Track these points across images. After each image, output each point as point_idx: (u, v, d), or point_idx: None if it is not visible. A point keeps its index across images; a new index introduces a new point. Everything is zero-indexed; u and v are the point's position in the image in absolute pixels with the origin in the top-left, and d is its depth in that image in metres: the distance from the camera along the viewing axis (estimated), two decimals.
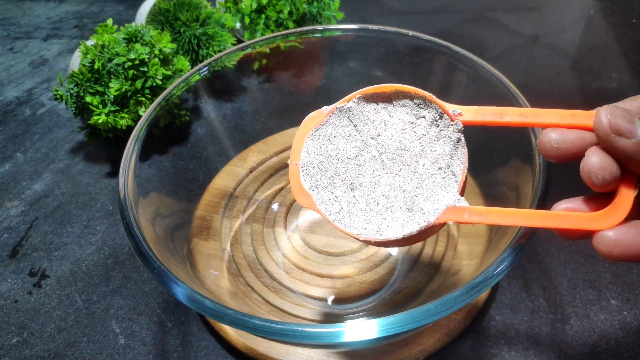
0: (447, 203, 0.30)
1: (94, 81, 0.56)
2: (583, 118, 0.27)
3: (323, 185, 0.33)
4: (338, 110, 0.34)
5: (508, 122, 0.29)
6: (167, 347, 0.45)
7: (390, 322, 0.30)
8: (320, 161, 0.34)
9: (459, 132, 0.31)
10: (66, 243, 0.54)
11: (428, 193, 0.31)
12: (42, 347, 0.45)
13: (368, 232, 0.32)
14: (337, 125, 0.34)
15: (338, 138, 0.34)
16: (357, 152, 0.33)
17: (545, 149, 0.29)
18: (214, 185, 0.56)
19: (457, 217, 0.30)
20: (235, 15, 0.70)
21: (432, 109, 0.32)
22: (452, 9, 0.93)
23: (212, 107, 0.57)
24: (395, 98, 0.33)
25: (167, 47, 0.59)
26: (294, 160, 0.34)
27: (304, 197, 0.33)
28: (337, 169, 0.34)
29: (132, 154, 0.42)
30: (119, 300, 0.48)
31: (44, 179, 0.62)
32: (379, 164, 0.33)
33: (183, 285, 0.33)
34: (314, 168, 0.34)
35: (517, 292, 0.46)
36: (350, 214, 0.33)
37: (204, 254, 0.48)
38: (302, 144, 0.34)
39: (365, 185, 0.33)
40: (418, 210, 0.31)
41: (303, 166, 0.34)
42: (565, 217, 0.28)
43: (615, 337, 0.43)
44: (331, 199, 0.33)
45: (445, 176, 0.32)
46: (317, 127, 0.34)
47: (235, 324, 0.31)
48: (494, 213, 0.29)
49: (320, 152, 0.34)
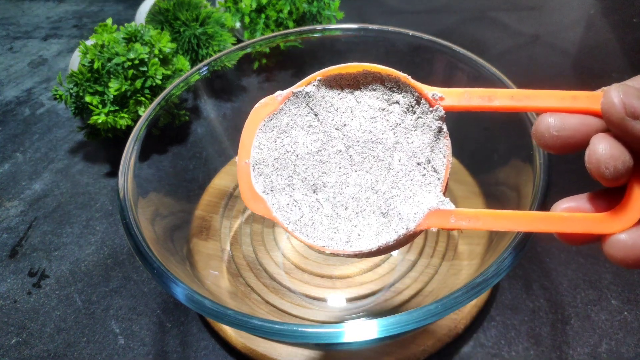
0: (429, 206, 0.26)
1: (94, 81, 0.56)
2: (587, 100, 0.24)
3: (279, 188, 0.28)
4: (295, 96, 0.28)
5: (498, 106, 0.25)
6: (167, 348, 0.44)
7: (391, 323, 0.30)
8: (275, 158, 0.29)
9: (440, 119, 0.27)
10: (65, 243, 0.54)
11: (406, 194, 0.27)
12: (42, 347, 0.45)
13: (335, 244, 0.27)
14: (294, 114, 0.29)
15: (296, 129, 0.29)
16: (320, 146, 0.28)
17: (542, 137, 0.24)
18: (214, 185, 0.56)
19: (442, 223, 0.26)
20: (235, 14, 0.70)
21: (407, 92, 0.28)
22: (453, 9, 0.93)
23: (212, 107, 0.57)
24: (363, 80, 0.28)
25: (167, 46, 0.59)
26: (243, 157, 0.29)
27: (257, 203, 0.28)
28: (296, 166, 0.28)
29: (131, 154, 0.42)
30: (118, 300, 0.48)
31: (43, 179, 0.62)
32: (346, 159, 0.28)
33: (183, 286, 0.33)
34: (267, 167, 0.29)
35: (517, 292, 0.46)
36: (313, 221, 0.28)
37: (203, 254, 0.48)
38: (253, 138, 0.29)
39: (331, 186, 0.28)
40: (395, 215, 0.27)
41: (254, 164, 0.29)
42: (569, 219, 0.24)
43: (616, 337, 0.43)
44: (290, 204, 0.28)
45: (425, 173, 0.27)
46: (270, 116, 0.29)
47: (235, 324, 0.31)
48: (485, 216, 0.25)
49: (274, 147, 0.29)
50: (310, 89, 0.28)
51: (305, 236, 0.28)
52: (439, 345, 0.42)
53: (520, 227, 0.25)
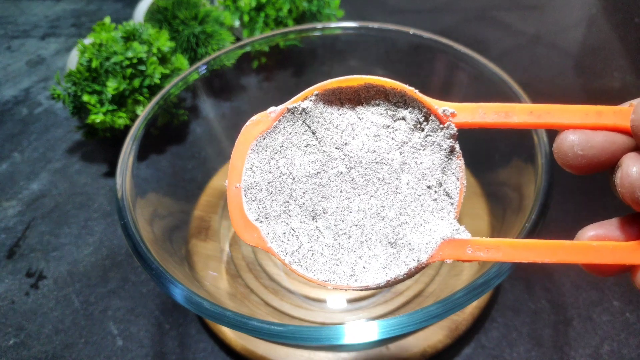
0: (443, 235, 0.24)
1: (92, 80, 0.56)
2: (614, 116, 0.22)
3: (274, 215, 0.25)
4: (290, 112, 0.26)
5: (516, 123, 0.23)
6: (165, 349, 0.44)
7: (391, 324, 0.30)
8: (270, 181, 0.26)
9: (451, 137, 0.24)
10: (63, 244, 0.54)
11: (416, 221, 0.25)
12: (40, 348, 0.45)
13: (338, 277, 0.25)
14: (290, 132, 0.26)
15: (292, 149, 0.26)
16: (318, 168, 0.25)
17: (565, 156, 0.22)
18: (213, 185, 0.56)
19: (458, 254, 0.23)
20: (234, 13, 0.70)
21: (415, 108, 0.25)
22: (454, 8, 0.92)
23: (211, 106, 0.57)
24: (365, 95, 0.26)
25: (166, 45, 0.58)
26: (234, 181, 0.26)
27: (249, 232, 0.25)
28: (293, 191, 0.26)
29: (129, 154, 0.42)
30: (116, 301, 0.48)
31: (41, 178, 0.62)
32: (348, 182, 0.25)
33: (181, 287, 0.33)
34: (261, 191, 0.26)
35: (519, 293, 0.46)
36: (313, 252, 0.25)
37: (202, 255, 0.48)
38: (244, 159, 0.26)
39: (332, 212, 0.25)
40: (404, 246, 0.24)
41: (246, 189, 0.26)
42: (597, 249, 0.22)
43: (618, 338, 0.43)
44: (286, 233, 0.25)
45: (437, 197, 0.25)
46: (263, 135, 0.26)
47: (234, 326, 0.30)
48: (506, 247, 0.23)
49: (268, 169, 0.26)
50: (306, 105, 0.25)
51: (304, 269, 0.25)
52: (440, 347, 0.42)
53: (545, 258, 0.23)
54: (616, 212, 0.52)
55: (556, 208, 0.52)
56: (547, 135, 0.39)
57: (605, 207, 0.52)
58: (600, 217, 0.52)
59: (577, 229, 0.23)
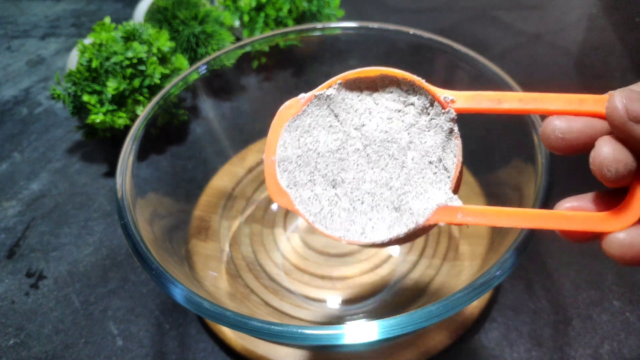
0: (438, 202, 0.28)
1: (92, 80, 0.56)
2: (593, 104, 0.25)
3: (302, 183, 0.31)
4: (317, 99, 0.31)
5: (506, 109, 0.27)
6: (165, 349, 0.44)
7: (391, 324, 0.30)
8: (299, 155, 0.31)
9: (451, 121, 0.28)
10: (63, 244, 0.54)
11: (417, 190, 0.29)
12: (40, 348, 0.45)
13: (351, 235, 0.29)
14: (317, 115, 0.31)
15: (318, 129, 0.31)
16: (339, 145, 0.31)
17: (548, 139, 0.25)
18: (213, 185, 0.56)
19: (450, 218, 0.27)
20: (234, 13, 0.70)
21: (422, 95, 0.29)
22: (454, 7, 0.92)
23: (211, 106, 0.57)
24: (381, 83, 0.30)
25: (166, 45, 0.58)
26: (270, 155, 0.31)
27: (281, 196, 0.31)
28: (317, 163, 0.31)
29: (129, 154, 0.42)
30: (116, 301, 0.48)
31: (41, 178, 0.62)
32: (364, 157, 0.30)
33: (181, 287, 0.33)
34: (291, 163, 0.31)
35: (519, 293, 0.46)
36: (332, 214, 0.30)
37: (202, 255, 0.48)
38: (278, 137, 0.31)
39: (349, 182, 0.30)
40: (406, 210, 0.29)
41: (279, 161, 0.31)
42: (571, 217, 0.25)
43: (618, 338, 0.43)
44: (311, 198, 0.30)
45: (436, 171, 0.29)
46: (294, 117, 0.31)
47: (234, 326, 0.30)
48: (490, 213, 0.27)
49: (298, 145, 0.31)
50: (331, 92, 0.30)
51: (324, 227, 0.30)
52: (440, 347, 0.42)
53: (523, 224, 0.26)
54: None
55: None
56: None
57: None
58: None
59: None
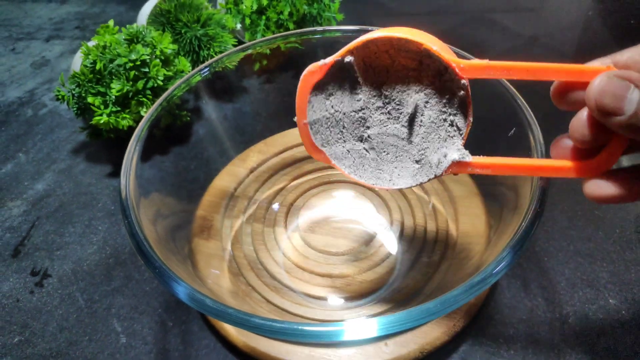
0: (453, 157, 0.31)
1: (96, 82, 0.56)
2: (592, 75, 0.27)
3: (333, 141, 0.34)
4: (337, 63, 0.32)
5: (515, 77, 0.29)
6: (168, 346, 0.45)
7: (390, 321, 0.30)
8: (327, 117, 0.33)
9: (462, 87, 0.30)
10: (68, 243, 0.54)
11: (434, 146, 0.32)
12: (44, 346, 0.45)
13: (382, 182, 0.34)
14: (338, 78, 0.33)
15: (341, 91, 0.33)
16: (362, 104, 0.33)
17: (555, 98, 0.30)
18: (215, 185, 0.56)
19: (462, 170, 0.32)
20: (235, 16, 0.70)
21: (436, 60, 0.30)
22: (451, 10, 0.93)
23: (213, 108, 0.58)
24: (397, 43, 0.31)
25: (168, 48, 0.59)
26: (301, 118, 0.33)
27: (318, 154, 0.34)
28: (345, 122, 0.34)
29: (133, 155, 0.43)
30: (120, 299, 0.49)
31: (45, 179, 0.63)
32: (385, 114, 0.34)
33: (184, 285, 0.33)
34: (322, 125, 0.34)
35: (515, 291, 0.47)
36: (363, 164, 0.34)
37: (205, 254, 0.49)
38: (306, 101, 0.33)
39: (374, 136, 0.34)
40: (426, 164, 0.33)
41: (311, 124, 0.33)
42: (559, 167, 0.30)
43: (613, 336, 0.43)
44: (343, 153, 0.34)
45: (449, 130, 0.32)
46: (318, 82, 0.32)
47: (236, 323, 0.31)
48: (495, 165, 0.31)
49: (325, 108, 0.33)
50: (349, 57, 0.31)
51: (358, 177, 0.34)
52: (437, 344, 0.42)
53: (521, 173, 0.31)
54: (610, 211, 0.53)
55: (551, 207, 0.53)
56: (543, 135, 0.40)
57: (598, 207, 0.53)
58: (593, 216, 0.53)
59: (571, 227, 0.26)
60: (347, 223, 0.53)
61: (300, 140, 0.34)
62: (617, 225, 0.51)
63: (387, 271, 0.48)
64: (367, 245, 0.50)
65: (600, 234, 0.51)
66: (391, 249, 0.50)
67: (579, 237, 0.50)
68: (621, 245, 0.50)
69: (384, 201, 0.54)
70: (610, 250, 0.49)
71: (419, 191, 0.54)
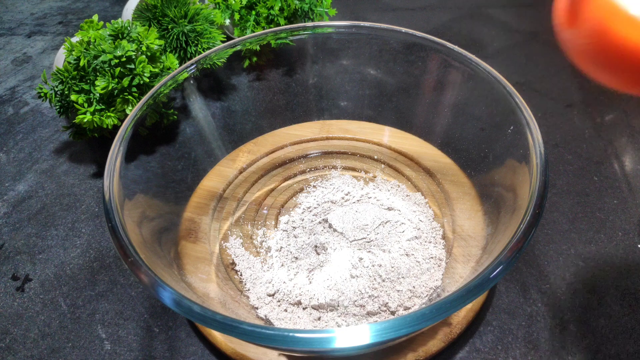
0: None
1: (79, 79, 0.55)
2: None
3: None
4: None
5: None
6: (155, 353, 0.44)
7: (383, 327, 0.29)
8: None
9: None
10: (50, 246, 0.53)
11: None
12: (26, 353, 0.44)
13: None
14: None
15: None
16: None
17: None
18: (203, 186, 0.55)
19: None
20: (224, 11, 0.69)
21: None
22: (448, 5, 0.92)
23: (201, 106, 0.57)
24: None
25: (155, 44, 0.58)
26: None
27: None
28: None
29: (117, 155, 0.42)
30: (104, 304, 0.47)
31: (27, 179, 0.61)
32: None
33: (170, 290, 0.32)
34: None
35: (514, 296, 0.46)
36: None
37: (192, 257, 0.47)
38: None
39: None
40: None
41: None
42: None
43: (615, 343, 0.42)
44: None
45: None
46: None
47: (224, 330, 0.30)
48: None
49: None
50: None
51: None
52: (434, 351, 0.41)
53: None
54: (612, 213, 0.52)
55: (551, 209, 0.52)
56: (542, 135, 0.39)
57: (600, 208, 0.52)
58: (595, 218, 0.52)
59: (572, 230, 0.24)
60: None
61: (290, 140, 0.33)
62: (620, 227, 0.51)
63: None
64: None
65: (602, 236, 0.50)
66: None
67: (580, 240, 0.50)
68: (624, 249, 0.49)
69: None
70: (612, 254, 0.48)
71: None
